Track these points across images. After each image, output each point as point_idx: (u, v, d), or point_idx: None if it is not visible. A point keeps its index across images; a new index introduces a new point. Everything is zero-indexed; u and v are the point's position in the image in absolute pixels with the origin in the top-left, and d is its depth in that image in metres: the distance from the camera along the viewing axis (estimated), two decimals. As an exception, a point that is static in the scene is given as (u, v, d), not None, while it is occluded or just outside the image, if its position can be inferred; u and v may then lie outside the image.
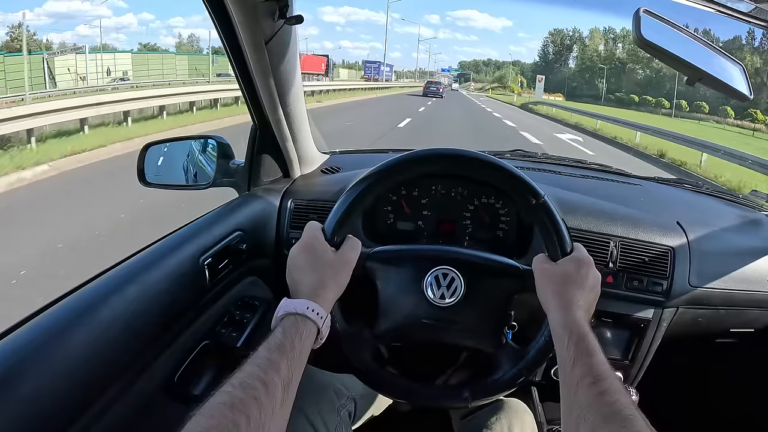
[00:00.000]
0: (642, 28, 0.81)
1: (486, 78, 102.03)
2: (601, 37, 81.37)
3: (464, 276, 0.81)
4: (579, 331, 0.65)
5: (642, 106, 56.32)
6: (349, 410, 1.01)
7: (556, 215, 0.78)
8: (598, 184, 1.33)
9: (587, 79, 78.09)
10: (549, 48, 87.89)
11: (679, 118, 43.11)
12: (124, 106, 9.62)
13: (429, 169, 0.86)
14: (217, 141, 1.17)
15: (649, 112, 49.13)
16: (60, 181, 6.01)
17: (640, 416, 0.51)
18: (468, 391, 0.81)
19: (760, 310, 1.10)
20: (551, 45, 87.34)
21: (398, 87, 47.89)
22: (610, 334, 1.09)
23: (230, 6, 0.86)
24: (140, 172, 1.14)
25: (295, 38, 1.00)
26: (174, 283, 0.82)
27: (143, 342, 0.74)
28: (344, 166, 1.32)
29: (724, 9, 0.89)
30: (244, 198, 1.14)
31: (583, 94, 69.98)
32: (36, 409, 0.56)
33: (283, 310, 0.65)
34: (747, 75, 0.93)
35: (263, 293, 1.06)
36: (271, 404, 0.51)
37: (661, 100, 56.46)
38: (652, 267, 1.03)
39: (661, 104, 55.21)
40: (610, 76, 73.65)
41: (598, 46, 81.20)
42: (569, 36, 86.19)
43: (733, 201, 1.37)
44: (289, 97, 1.08)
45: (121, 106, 9.57)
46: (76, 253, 3.54)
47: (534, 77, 59.68)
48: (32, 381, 0.57)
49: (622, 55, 73.66)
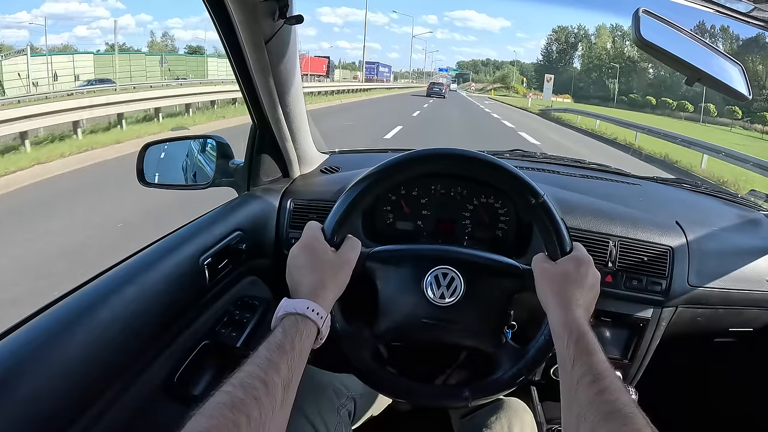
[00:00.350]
0: (641, 28, 0.81)
1: (486, 78, 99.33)
2: (608, 35, 77.79)
3: (464, 275, 0.81)
4: (579, 330, 0.65)
5: (659, 109, 52.77)
6: (349, 410, 1.01)
7: (556, 215, 0.78)
8: (597, 183, 1.34)
9: (594, 79, 75.13)
10: (552, 46, 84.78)
11: (707, 124, 37.40)
12: (73, 115, 8.12)
13: (428, 168, 0.86)
14: (217, 141, 1.17)
15: (668, 115, 45.66)
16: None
17: (640, 414, 0.51)
18: (468, 390, 0.81)
19: (759, 310, 1.11)
20: (555, 43, 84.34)
21: (385, 88, 43.35)
22: (610, 334, 1.09)
23: (230, 6, 0.86)
24: (140, 173, 1.13)
25: (294, 38, 1.00)
26: (173, 283, 0.82)
27: (143, 342, 0.74)
28: (344, 166, 1.32)
29: (723, 9, 0.89)
30: (243, 198, 1.14)
31: (591, 95, 67.28)
32: (35, 410, 0.56)
33: (283, 310, 0.65)
34: (746, 75, 0.93)
35: (263, 293, 1.06)
36: (271, 404, 0.52)
37: (683, 103, 50.42)
38: (651, 266, 1.04)
39: (684, 107, 49.34)
40: (621, 76, 70.34)
41: (606, 43, 77.75)
42: (574, 33, 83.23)
43: (731, 201, 1.37)
44: (289, 97, 1.08)
45: (70, 115, 8.08)
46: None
47: (536, 77, 57.89)
48: (31, 382, 0.57)
49: (633, 54, 68.50)
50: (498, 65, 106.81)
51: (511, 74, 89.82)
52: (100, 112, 8.90)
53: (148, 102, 10.46)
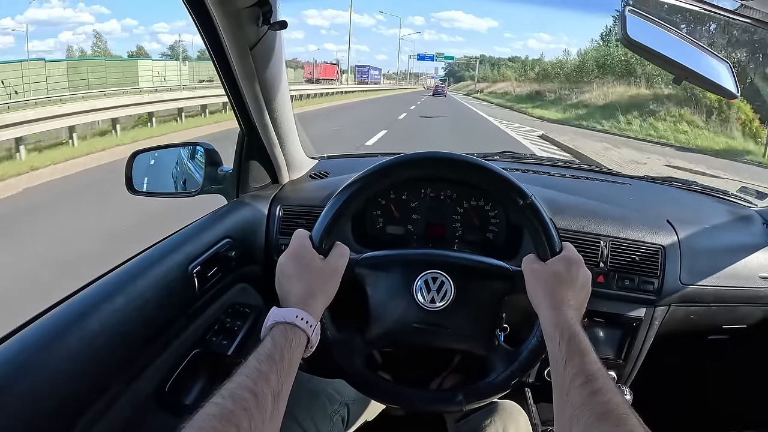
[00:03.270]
0: (628, 27, 0.81)
1: (493, 74, 66.58)
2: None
3: (453, 279, 0.80)
4: (570, 330, 0.65)
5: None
6: (342, 416, 1.01)
7: (544, 215, 0.77)
8: (587, 184, 1.34)
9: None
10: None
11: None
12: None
13: (414, 173, 0.86)
14: (205, 148, 1.16)
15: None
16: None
17: (633, 415, 0.51)
18: (462, 394, 0.81)
19: (752, 306, 1.11)
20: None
21: (372, 91, 42.14)
22: (603, 334, 1.09)
23: (214, 12, 0.85)
24: (128, 180, 1.13)
25: (280, 43, 0.99)
26: (163, 292, 0.81)
27: (133, 351, 0.73)
28: (333, 171, 1.32)
29: (710, 7, 0.89)
30: (232, 205, 1.13)
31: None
32: (24, 422, 0.56)
33: (273, 319, 0.65)
34: (734, 73, 0.94)
35: (253, 300, 1.05)
36: (261, 414, 0.52)
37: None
38: (643, 266, 1.04)
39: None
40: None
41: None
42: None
43: (722, 198, 1.37)
44: (276, 103, 1.07)
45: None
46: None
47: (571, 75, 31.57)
48: (21, 393, 0.56)
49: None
50: (494, 62, 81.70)
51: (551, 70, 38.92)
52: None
53: (86, 115, 8.51)
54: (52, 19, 59.22)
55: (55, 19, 59.63)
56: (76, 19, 62.86)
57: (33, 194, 5.87)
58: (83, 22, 61.34)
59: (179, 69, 30.62)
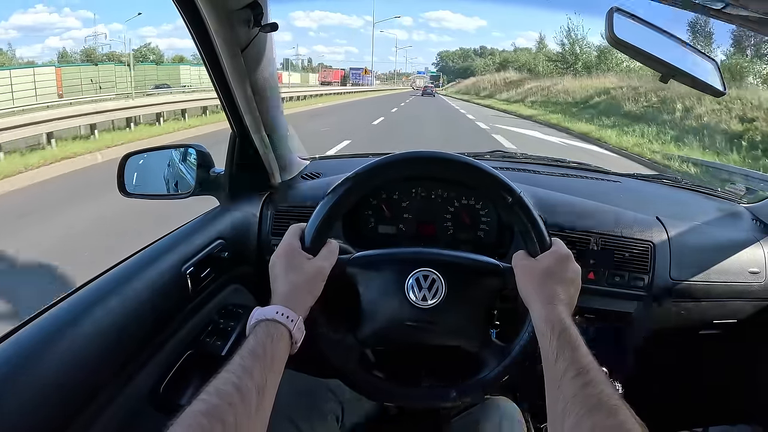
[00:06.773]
0: (614, 26, 0.82)
1: (493, 64, 58.80)
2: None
3: (445, 277, 0.81)
4: (561, 324, 0.65)
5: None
6: (336, 414, 1.01)
7: (533, 211, 0.78)
8: (577, 182, 1.35)
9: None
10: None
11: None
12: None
13: (404, 172, 0.86)
14: (197, 150, 1.16)
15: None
16: None
17: (624, 406, 0.52)
18: (455, 390, 0.82)
19: (742, 301, 1.12)
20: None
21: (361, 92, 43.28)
22: (594, 330, 1.10)
23: (205, 14, 0.85)
24: (120, 183, 1.13)
25: (271, 45, 1.00)
26: (157, 293, 0.82)
27: (128, 353, 0.74)
28: (325, 172, 1.32)
29: (696, 6, 0.90)
30: (225, 206, 1.14)
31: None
32: (19, 424, 0.56)
33: (255, 318, 0.66)
34: (720, 71, 0.95)
35: (247, 301, 1.05)
36: (246, 409, 0.53)
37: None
38: (633, 262, 1.05)
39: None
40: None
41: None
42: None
43: (711, 194, 1.39)
44: (267, 104, 1.08)
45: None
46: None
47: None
48: (16, 395, 0.57)
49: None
50: (495, 53, 69.28)
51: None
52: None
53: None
54: (38, 25, 58.88)
55: (41, 24, 59.31)
56: (63, 24, 62.60)
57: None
58: (69, 27, 61.06)
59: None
